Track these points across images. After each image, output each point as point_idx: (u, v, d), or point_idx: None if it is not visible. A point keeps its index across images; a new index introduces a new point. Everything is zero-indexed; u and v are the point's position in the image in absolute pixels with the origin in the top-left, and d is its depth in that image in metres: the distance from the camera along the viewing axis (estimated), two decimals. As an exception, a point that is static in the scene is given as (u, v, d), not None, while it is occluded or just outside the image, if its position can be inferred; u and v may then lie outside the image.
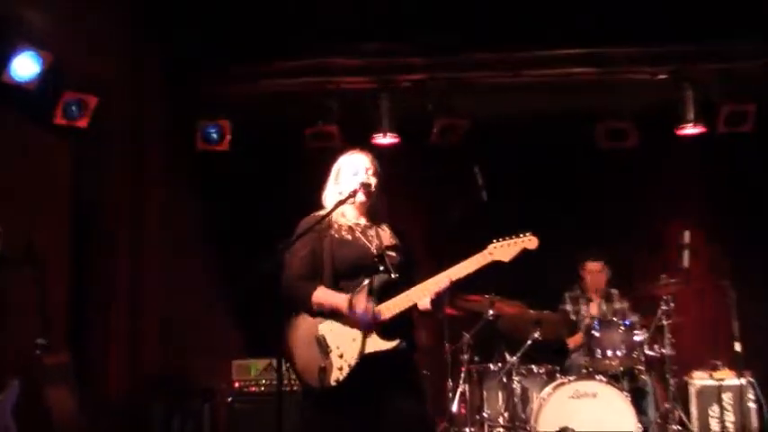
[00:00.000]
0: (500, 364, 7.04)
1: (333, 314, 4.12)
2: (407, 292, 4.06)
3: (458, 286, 4.10)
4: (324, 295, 4.14)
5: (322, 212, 4.26)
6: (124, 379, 7.32)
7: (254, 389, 7.12)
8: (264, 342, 5.88)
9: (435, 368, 7.16)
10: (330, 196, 4.34)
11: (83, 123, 6.98)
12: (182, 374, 7.64)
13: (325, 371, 4.03)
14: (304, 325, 4.15)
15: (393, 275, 4.11)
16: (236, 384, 7.15)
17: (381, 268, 4.13)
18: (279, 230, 4.35)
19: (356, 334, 4.07)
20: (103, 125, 7.18)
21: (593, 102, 8.24)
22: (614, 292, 7.72)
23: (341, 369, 4.03)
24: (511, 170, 8.45)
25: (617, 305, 7.64)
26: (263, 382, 7.12)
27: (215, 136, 8.16)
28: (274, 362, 6.76)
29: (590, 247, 7.69)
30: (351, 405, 4.02)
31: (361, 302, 4.05)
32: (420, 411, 4.09)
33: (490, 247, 4.07)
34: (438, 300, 4.08)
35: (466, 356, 7.05)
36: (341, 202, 4.22)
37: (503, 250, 4.06)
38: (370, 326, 4.02)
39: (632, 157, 8.36)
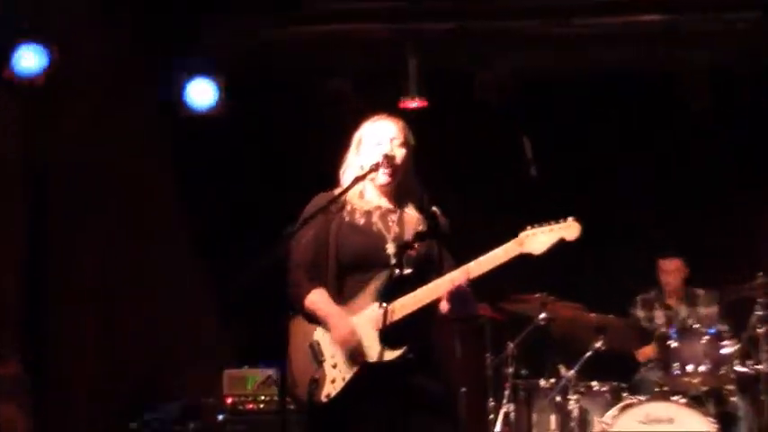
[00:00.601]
0: (553, 380, 6.95)
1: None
2: (417, 291, 4.02)
3: (501, 283, 4.11)
4: (318, 301, 4.13)
5: (337, 191, 4.23)
6: (93, 395, 7.38)
7: (251, 406, 7.12)
8: (264, 349, 5.78)
9: (474, 384, 7.17)
10: (350, 172, 4.28)
11: (38, 79, 7.03)
12: (162, 388, 7.64)
13: (316, 383, 4.04)
14: (300, 329, 4.16)
15: (405, 271, 4.06)
16: (229, 400, 7.14)
17: (393, 263, 4.07)
18: (283, 214, 4.29)
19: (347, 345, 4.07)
20: (63, 80, 7.22)
21: (662, 55, 8.19)
22: (699, 293, 7.72)
23: (334, 382, 4.03)
24: (566, 140, 8.39)
25: (702, 310, 7.63)
26: (263, 397, 7.09)
27: (203, 97, 8.08)
28: (275, 373, 6.77)
29: (664, 241, 7.74)
30: (351, 426, 4.04)
31: (342, 326, 4.03)
32: None
33: (522, 235, 3.99)
34: (457, 300, 4.02)
35: (511, 370, 7.00)
36: (359, 179, 4.17)
37: (535, 240, 3.97)
38: (348, 357, 4.02)
39: (715, 123, 8.36)
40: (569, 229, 3.94)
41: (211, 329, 8.14)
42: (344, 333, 4.02)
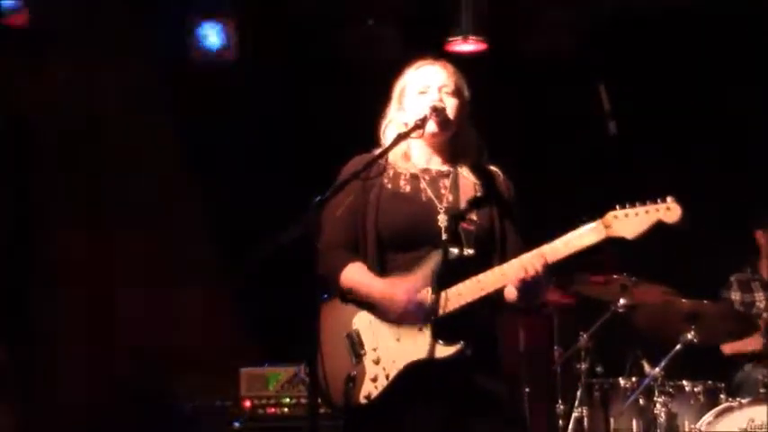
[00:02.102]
0: (635, 379, 6.98)
1: (370, 306, 4.15)
2: (480, 277, 4.04)
3: (573, 263, 4.05)
4: (358, 276, 4.14)
5: (376, 152, 4.25)
6: (84, 394, 7.52)
7: (273, 410, 7.22)
8: (289, 343, 5.83)
9: (540, 383, 7.29)
10: (392, 128, 4.32)
11: (19, 19, 7.07)
12: (166, 389, 7.78)
13: (354, 381, 4.07)
14: (335, 315, 4.19)
15: (465, 251, 4.09)
16: (247, 403, 7.25)
17: (447, 238, 4.10)
18: (309, 181, 4.30)
19: (402, 332, 4.08)
20: (47, 24, 7.36)
21: None
22: None
23: (375, 380, 4.07)
24: (650, 91, 8.39)
25: None
26: (287, 400, 7.21)
27: (215, 39, 8.16)
28: (303, 370, 6.89)
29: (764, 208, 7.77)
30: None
31: (410, 289, 4.02)
32: None
33: (609, 216, 3.99)
34: (528, 288, 4.03)
35: (584, 366, 7.06)
36: (402, 137, 4.17)
37: (626, 222, 3.97)
38: (422, 320, 4.02)
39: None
40: (669, 212, 3.93)
41: (226, 320, 8.23)
42: (403, 298, 3.98)
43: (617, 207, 3.98)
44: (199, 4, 8.21)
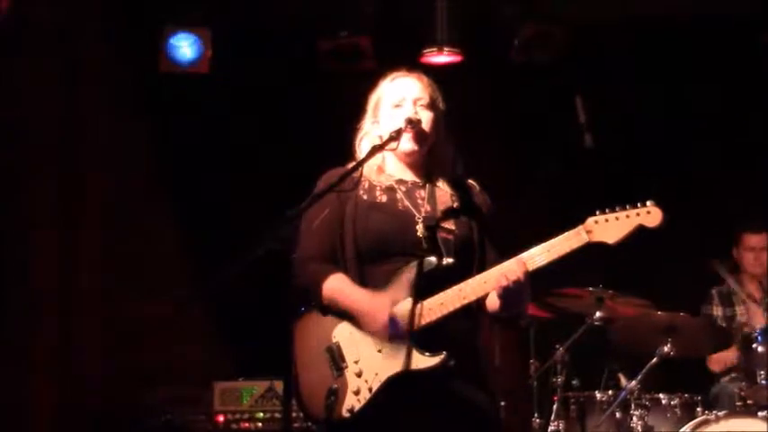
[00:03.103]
0: (611, 392, 6.99)
1: (351, 318, 4.14)
2: (461, 285, 4.04)
3: (547, 276, 4.06)
4: (339, 287, 4.14)
5: (351, 165, 4.24)
6: (51, 413, 7.46)
7: (246, 425, 7.17)
8: (263, 356, 5.78)
9: (516, 397, 7.25)
10: (367, 141, 4.34)
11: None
12: (137, 405, 7.63)
13: (335, 395, 4.05)
14: (314, 328, 4.19)
15: (445, 260, 4.08)
16: (221, 418, 7.20)
17: (426, 247, 4.10)
18: (283, 192, 4.41)
19: (384, 343, 4.07)
20: (21, 29, 7.30)
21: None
22: None
23: (357, 393, 4.05)
24: (628, 103, 8.43)
25: None
26: (261, 415, 7.16)
27: (187, 51, 8.13)
28: (278, 384, 6.85)
29: (749, 213, 7.79)
30: None
31: (391, 306, 4.02)
32: None
33: (590, 221, 3.99)
34: (510, 296, 4.01)
35: (560, 380, 7.06)
36: (377, 149, 4.16)
37: (607, 227, 3.98)
38: (402, 337, 4.02)
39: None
40: (650, 216, 3.95)
41: (200, 333, 8.18)
42: (383, 316, 4.00)
43: (597, 212, 3.99)
44: (173, 15, 8.15)
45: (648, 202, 3.96)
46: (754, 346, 6.84)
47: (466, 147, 4.40)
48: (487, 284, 4.00)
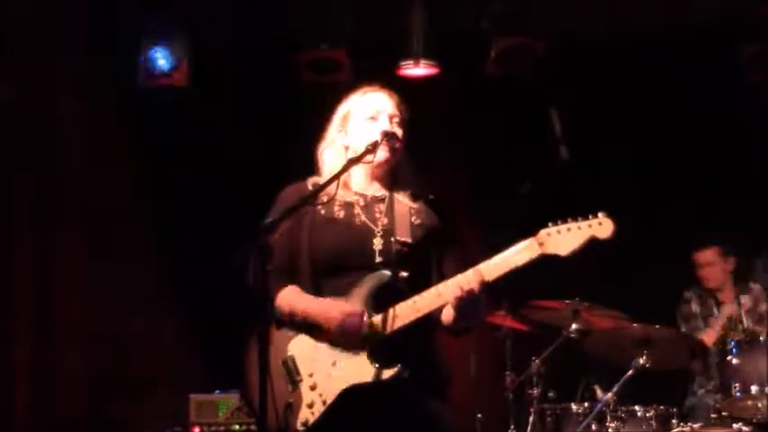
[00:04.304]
0: (587, 404, 7.01)
1: (307, 327, 4.13)
2: (415, 298, 4.04)
3: (525, 286, 4.19)
4: (293, 298, 4.16)
5: (315, 179, 4.31)
6: (30, 422, 7.39)
7: None
8: (238, 369, 5.82)
9: (492, 409, 7.23)
10: (329, 152, 4.36)
11: None
12: (115, 415, 7.68)
13: (291, 408, 4.06)
14: (272, 342, 4.16)
15: (401, 273, 4.10)
16: (197, 430, 7.20)
17: (381, 260, 4.12)
18: (262, 203, 4.32)
19: (338, 356, 4.08)
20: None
21: (727, 12, 8.20)
22: (755, 287, 7.86)
23: (311, 407, 4.07)
24: (605, 117, 8.46)
25: (763, 307, 7.70)
26: (237, 427, 7.15)
27: (164, 63, 8.10)
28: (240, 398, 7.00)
29: (702, 230, 7.96)
30: None
31: (345, 308, 4.05)
32: None
33: (542, 233, 3.98)
34: (464, 308, 4.00)
35: (536, 392, 7.06)
36: (353, 161, 4.17)
37: (560, 239, 3.97)
38: (356, 339, 4.02)
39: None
40: (601, 227, 3.94)
41: (176, 346, 8.19)
42: (337, 316, 4.01)
43: (550, 224, 3.98)
44: (150, 28, 8.13)
45: (600, 214, 3.95)
46: (729, 358, 6.85)
47: (436, 160, 4.41)
48: (442, 297, 4.00)
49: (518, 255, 3.96)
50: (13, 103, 7.62)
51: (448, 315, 4.09)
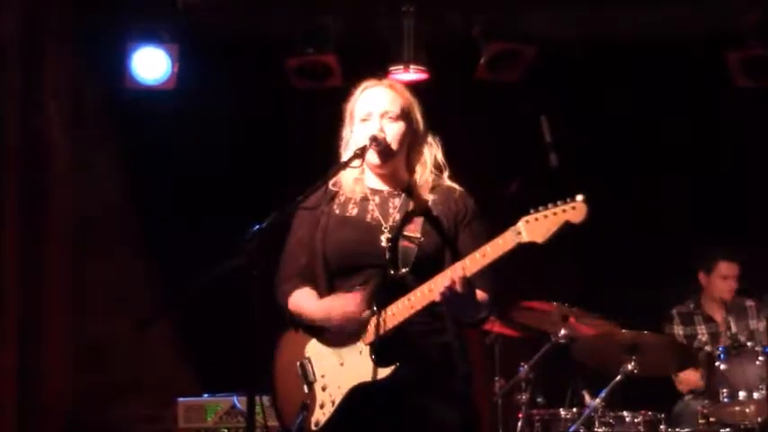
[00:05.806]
0: (575, 410, 7.01)
1: (322, 330, 4.15)
2: (409, 295, 4.02)
3: (512, 290, 3.96)
4: (303, 300, 4.19)
5: (343, 178, 4.31)
6: (17, 424, 7.39)
7: None
8: (228, 372, 5.83)
9: (481, 415, 7.03)
10: (346, 154, 4.30)
11: None
12: (104, 419, 7.69)
13: (306, 409, 4.11)
14: (290, 345, 4.25)
15: (400, 271, 4.08)
16: (184, 437, 7.24)
17: (387, 258, 4.09)
18: (252, 207, 4.31)
19: (345, 356, 4.11)
20: None
21: (724, 19, 8.21)
22: (749, 304, 7.85)
23: (323, 407, 4.10)
24: (596, 122, 8.51)
25: (754, 324, 7.73)
26: (227, 431, 7.09)
27: (154, 66, 8.09)
28: (238, 401, 6.90)
29: (723, 241, 7.82)
30: None
31: (346, 302, 4.06)
32: None
33: (521, 222, 3.86)
34: (450, 302, 3.93)
35: (525, 397, 7.06)
36: (341, 167, 4.19)
37: (536, 226, 3.84)
38: (356, 331, 4.05)
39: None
40: (574, 211, 3.80)
41: (164, 351, 8.18)
42: (338, 311, 4.04)
43: (531, 211, 3.86)
44: (138, 30, 8.11)
45: (578, 197, 3.81)
46: (716, 364, 6.88)
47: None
48: (433, 293, 3.94)
49: (498, 246, 3.87)
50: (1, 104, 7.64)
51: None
